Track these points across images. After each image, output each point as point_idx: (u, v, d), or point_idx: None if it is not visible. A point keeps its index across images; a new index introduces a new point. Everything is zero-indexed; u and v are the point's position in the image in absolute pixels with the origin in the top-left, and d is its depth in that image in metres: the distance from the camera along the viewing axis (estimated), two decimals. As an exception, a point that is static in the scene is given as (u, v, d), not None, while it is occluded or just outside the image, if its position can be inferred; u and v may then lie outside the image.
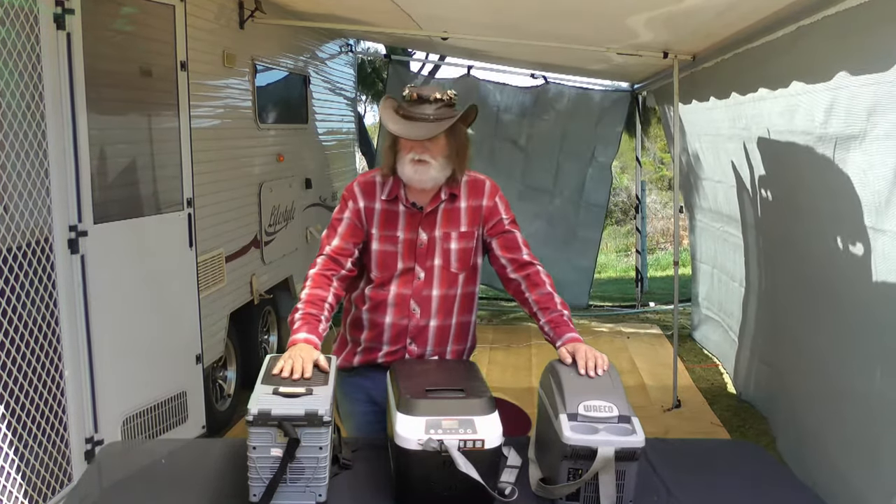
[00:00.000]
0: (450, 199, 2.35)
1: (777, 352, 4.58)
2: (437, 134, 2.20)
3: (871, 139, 2.90)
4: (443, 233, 2.34)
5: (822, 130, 3.38)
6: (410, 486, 1.85)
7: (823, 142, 3.39)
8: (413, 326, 2.34)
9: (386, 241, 2.33)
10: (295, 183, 5.89)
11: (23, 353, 2.85)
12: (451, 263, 2.35)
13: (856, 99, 2.98)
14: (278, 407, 1.80)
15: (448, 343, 2.39)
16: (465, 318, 2.42)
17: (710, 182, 5.91)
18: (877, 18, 2.73)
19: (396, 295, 2.33)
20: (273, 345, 5.73)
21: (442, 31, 5.65)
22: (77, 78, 3.10)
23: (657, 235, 13.97)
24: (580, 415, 1.88)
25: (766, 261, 4.78)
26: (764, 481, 2.11)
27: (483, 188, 2.40)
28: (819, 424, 3.63)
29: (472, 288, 2.42)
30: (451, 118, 2.22)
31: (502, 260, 2.38)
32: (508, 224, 2.40)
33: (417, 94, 2.23)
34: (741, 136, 4.79)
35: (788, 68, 3.70)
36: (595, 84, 7.96)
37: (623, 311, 8.28)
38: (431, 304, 2.34)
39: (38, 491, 2.91)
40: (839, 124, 3.19)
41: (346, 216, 2.34)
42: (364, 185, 2.36)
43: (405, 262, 2.32)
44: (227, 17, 4.75)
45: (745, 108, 4.60)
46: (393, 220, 2.33)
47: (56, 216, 3.06)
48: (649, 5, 3.88)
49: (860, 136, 2.98)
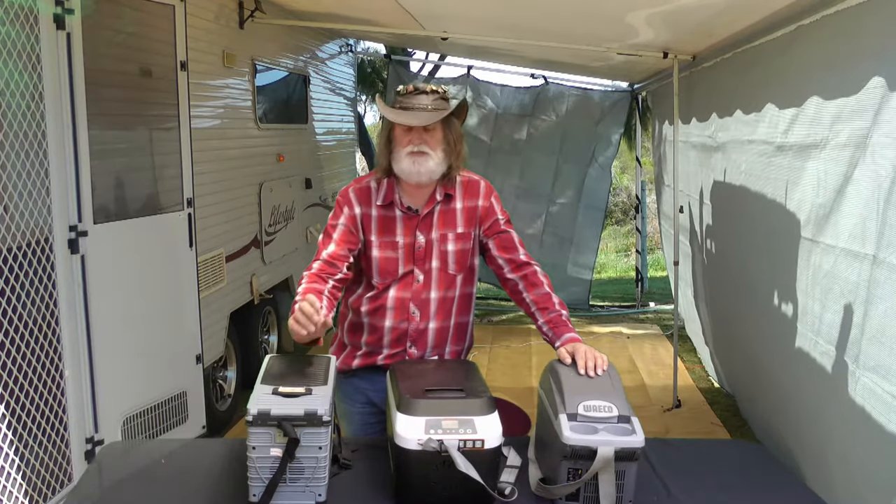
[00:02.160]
0: (445, 201, 2.35)
1: (732, 357, 4.66)
2: (436, 121, 2.23)
3: (829, 148, 2.91)
4: (440, 234, 2.34)
5: (782, 139, 3.40)
6: (410, 486, 1.85)
7: (782, 151, 3.41)
8: (413, 329, 2.34)
9: (386, 247, 2.33)
10: (295, 183, 5.89)
11: (23, 353, 2.85)
12: (449, 265, 2.35)
13: (823, 108, 2.98)
14: (278, 407, 1.80)
15: (447, 344, 2.40)
16: (464, 319, 2.43)
17: (668, 189, 6.00)
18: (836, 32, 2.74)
19: (396, 298, 2.33)
20: (273, 345, 5.73)
21: (442, 31, 5.65)
22: (77, 78, 3.10)
23: (657, 235, 13.95)
24: (580, 415, 1.88)
25: (712, 268, 4.86)
26: (764, 481, 2.11)
27: (478, 188, 2.40)
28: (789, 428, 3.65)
29: (469, 289, 2.42)
30: (447, 109, 2.26)
31: (499, 260, 2.38)
32: (504, 224, 2.41)
33: (413, 86, 2.28)
34: (706, 143, 4.85)
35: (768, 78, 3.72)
36: (595, 84, 7.97)
37: (623, 311, 8.28)
38: (430, 307, 2.34)
39: (39, 491, 2.91)
40: (800, 133, 3.21)
41: (341, 222, 2.33)
42: (359, 192, 2.36)
43: (405, 265, 2.33)
44: (227, 17, 4.75)
45: (714, 116, 4.65)
46: (390, 225, 2.33)
47: (56, 216, 3.06)
48: (648, 2, 3.87)
49: (820, 144, 2.99)
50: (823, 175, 2.92)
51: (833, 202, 2.82)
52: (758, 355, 3.92)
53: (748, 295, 3.99)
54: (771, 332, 3.60)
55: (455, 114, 2.30)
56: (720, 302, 4.83)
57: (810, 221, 3.04)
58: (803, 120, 3.17)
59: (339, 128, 7.42)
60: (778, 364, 3.53)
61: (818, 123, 2.99)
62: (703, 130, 4.95)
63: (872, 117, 2.52)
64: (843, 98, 2.76)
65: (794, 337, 3.23)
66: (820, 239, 2.94)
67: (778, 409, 3.65)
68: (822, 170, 2.93)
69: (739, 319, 4.27)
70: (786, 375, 3.41)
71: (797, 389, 3.27)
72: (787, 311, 3.32)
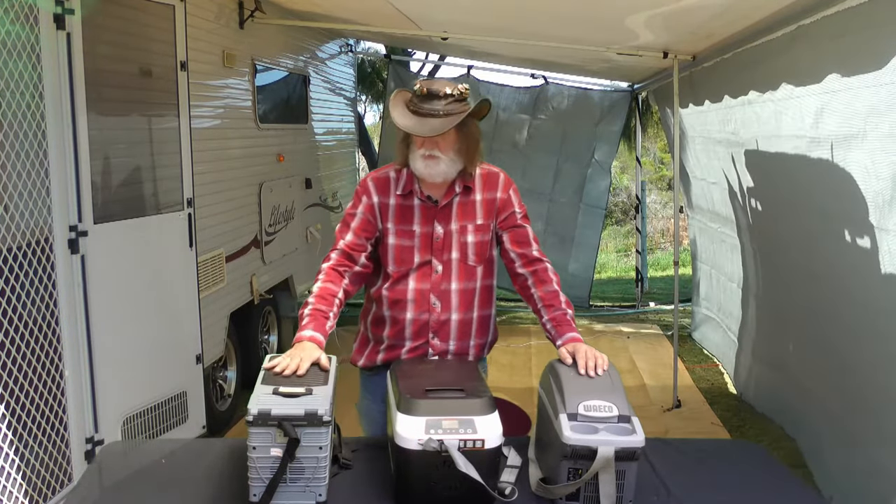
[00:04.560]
0: (464, 193, 2.35)
1: (779, 353, 4.58)
2: (446, 130, 2.19)
3: (871, 139, 2.90)
4: (459, 226, 2.34)
5: (813, 133, 3.39)
6: (410, 485, 1.85)
7: (818, 143, 3.39)
8: (434, 321, 2.34)
9: (402, 235, 2.33)
10: (295, 183, 5.89)
11: (23, 353, 2.85)
12: (469, 256, 2.35)
13: (854, 100, 2.98)
14: (278, 407, 1.80)
15: (471, 337, 2.39)
16: (486, 312, 2.43)
17: (705, 183, 5.94)
18: (873, 20, 2.73)
19: (415, 290, 2.33)
20: (273, 345, 5.73)
21: (442, 32, 5.65)
22: (77, 78, 3.10)
23: (657, 235, 13.98)
24: (580, 415, 1.88)
25: (764, 261, 4.79)
26: (764, 481, 2.11)
27: (497, 181, 2.41)
28: (831, 423, 3.62)
29: (490, 281, 2.43)
30: (460, 114, 2.21)
31: (511, 254, 2.38)
32: (521, 218, 2.41)
33: (427, 90, 2.22)
34: (730, 139, 4.82)
35: (782, 70, 3.71)
36: (595, 84, 7.97)
37: (623, 311, 8.28)
38: (451, 298, 2.34)
39: (39, 491, 2.91)
40: (833, 126, 3.19)
41: (359, 211, 2.35)
42: (377, 181, 2.36)
43: (422, 255, 2.33)
44: (227, 17, 4.75)
45: (734, 112, 4.63)
46: (408, 214, 2.34)
47: (56, 216, 3.06)
48: (648, 4, 3.87)
49: (860, 135, 2.98)
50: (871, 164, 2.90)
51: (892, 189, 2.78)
52: (824, 344, 3.80)
53: (813, 286, 3.89)
54: (842, 320, 3.50)
55: (472, 113, 2.25)
56: (774, 295, 4.70)
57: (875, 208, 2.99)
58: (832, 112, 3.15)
59: (339, 128, 7.42)
60: (854, 353, 3.41)
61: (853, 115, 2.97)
62: (724, 126, 4.91)
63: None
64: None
65: (870, 324, 3.14)
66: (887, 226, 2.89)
67: (842, 398, 3.55)
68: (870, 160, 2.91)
69: (801, 310, 4.14)
70: (860, 363, 3.30)
71: (872, 376, 3.17)
72: (862, 299, 3.23)
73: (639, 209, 8.94)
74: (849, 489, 3.29)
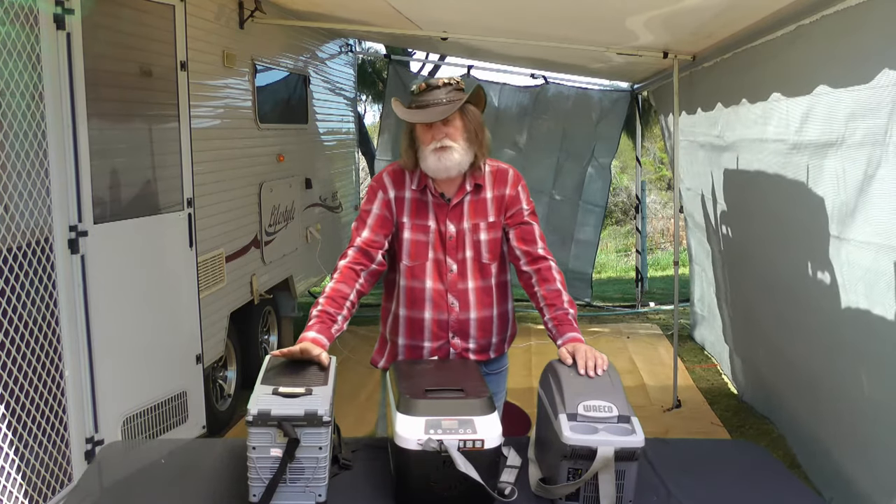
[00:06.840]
0: (475, 191, 2.37)
1: (756, 354, 4.63)
2: (453, 112, 2.25)
3: (846, 146, 2.90)
4: (471, 224, 2.36)
5: (796, 138, 3.40)
6: (410, 486, 1.85)
7: (798, 149, 3.40)
8: (454, 320, 2.36)
9: (418, 230, 2.35)
10: (295, 183, 5.89)
11: (23, 353, 2.85)
12: (483, 254, 2.37)
13: (837, 104, 2.98)
14: (278, 407, 1.80)
15: (492, 335, 2.41)
16: (504, 308, 2.44)
17: (683, 186, 6.00)
18: (867, 20, 2.74)
19: (433, 290, 2.35)
20: (273, 345, 5.73)
21: (442, 31, 5.65)
22: (77, 78, 3.10)
23: (657, 235, 13.97)
24: (580, 415, 1.88)
25: (732, 266, 4.84)
26: (764, 481, 2.11)
27: (507, 177, 2.42)
28: (814, 423, 3.64)
29: (505, 277, 2.44)
30: (463, 99, 2.28)
31: (517, 251, 2.39)
32: (528, 215, 2.42)
33: (426, 83, 2.30)
34: (713, 143, 4.83)
35: (771, 78, 3.71)
36: (595, 84, 7.97)
37: (623, 311, 8.28)
38: (469, 297, 2.36)
39: (38, 491, 2.91)
40: (816, 132, 3.20)
41: (374, 207, 2.36)
42: (394, 175, 2.39)
43: (436, 252, 2.35)
44: (227, 17, 4.75)
45: (720, 115, 4.64)
46: (423, 209, 2.36)
47: (56, 216, 3.06)
48: (648, 5, 3.87)
49: (837, 142, 2.98)
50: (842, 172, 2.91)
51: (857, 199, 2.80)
52: (790, 350, 3.86)
53: (776, 293, 3.95)
54: (806, 328, 3.56)
55: (472, 102, 2.32)
56: (743, 300, 4.76)
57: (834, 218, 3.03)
58: (815, 118, 3.16)
59: (339, 128, 7.42)
60: (815, 360, 3.47)
61: (833, 121, 2.98)
62: (709, 130, 4.94)
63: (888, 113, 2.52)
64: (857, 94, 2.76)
65: (832, 332, 3.19)
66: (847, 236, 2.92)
67: (809, 404, 3.61)
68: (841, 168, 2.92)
69: (769, 317, 4.20)
70: (823, 370, 3.37)
71: (834, 383, 3.23)
72: (824, 307, 3.28)
73: (639, 209, 8.94)
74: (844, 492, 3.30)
